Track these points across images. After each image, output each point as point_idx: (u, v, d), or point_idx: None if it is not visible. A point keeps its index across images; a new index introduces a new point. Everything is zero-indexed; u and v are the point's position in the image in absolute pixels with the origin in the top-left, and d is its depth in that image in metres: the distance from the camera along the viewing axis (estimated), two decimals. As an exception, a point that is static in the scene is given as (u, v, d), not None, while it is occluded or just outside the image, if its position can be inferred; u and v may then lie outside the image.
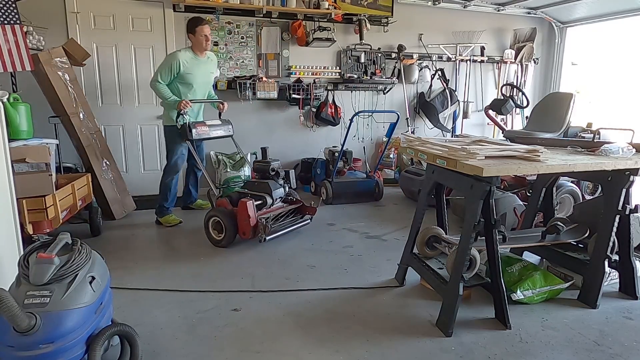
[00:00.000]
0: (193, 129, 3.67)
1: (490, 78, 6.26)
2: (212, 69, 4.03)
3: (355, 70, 5.44)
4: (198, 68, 3.81)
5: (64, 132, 4.04)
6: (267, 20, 5.00)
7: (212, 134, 3.86)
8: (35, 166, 3.03)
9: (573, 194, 3.98)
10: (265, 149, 3.82)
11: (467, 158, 2.10)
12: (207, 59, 3.91)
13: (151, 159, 4.92)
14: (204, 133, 3.77)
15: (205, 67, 3.90)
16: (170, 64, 3.68)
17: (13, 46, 3.09)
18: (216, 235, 3.43)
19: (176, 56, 3.70)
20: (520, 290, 2.48)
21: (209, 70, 3.97)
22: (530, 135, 4.07)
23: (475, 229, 2.16)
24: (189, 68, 3.74)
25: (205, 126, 3.80)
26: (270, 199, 3.52)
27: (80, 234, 3.61)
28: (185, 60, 3.71)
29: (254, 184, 3.62)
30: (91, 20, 4.43)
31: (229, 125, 4.02)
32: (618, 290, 2.69)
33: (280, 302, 2.53)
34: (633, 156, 2.37)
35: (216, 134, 3.89)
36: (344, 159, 4.91)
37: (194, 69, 3.77)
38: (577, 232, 2.79)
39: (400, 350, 2.08)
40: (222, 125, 3.97)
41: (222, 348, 2.09)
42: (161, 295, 2.63)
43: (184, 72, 3.72)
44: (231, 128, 4.03)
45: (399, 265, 2.83)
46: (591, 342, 2.17)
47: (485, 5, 5.88)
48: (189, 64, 3.74)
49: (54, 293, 1.56)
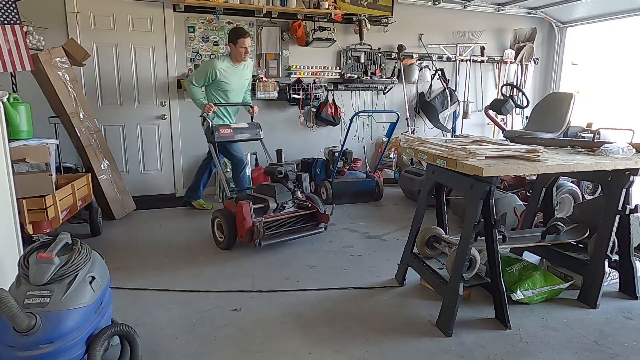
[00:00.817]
0: (216, 132, 3.74)
1: (490, 78, 6.26)
2: (248, 75, 4.18)
3: (355, 70, 5.44)
4: (234, 75, 3.99)
5: (64, 132, 4.04)
6: (267, 20, 5.00)
7: (237, 137, 3.89)
8: (35, 166, 3.03)
9: (573, 194, 3.98)
10: (280, 151, 3.81)
11: (467, 158, 2.10)
12: (243, 66, 4.07)
13: (151, 159, 4.92)
14: (227, 136, 3.82)
15: (241, 74, 4.07)
16: (206, 71, 3.90)
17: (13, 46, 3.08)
18: (219, 237, 3.43)
19: (213, 65, 3.89)
20: (520, 290, 2.48)
21: (244, 77, 4.12)
22: (530, 135, 4.07)
23: (475, 229, 2.16)
24: (225, 76, 3.93)
25: (229, 129, 3.85)
26: (274, 203, 3.38)
27: (80, 234, 3.61)
28: (222, 68, 3.90)
29: (263, 187, 3.54)
30: (91, 20, 4.43)
31: (257, 129, 4.01)
32: (618, 290, 2.69)
33: (280, 302, 2.53)
34: (633, 156, 2.37)
35: (241, 137, 3.92)
36: (344, 159, 4.91)
37: (230, 77, 3.96)
38: (577, 232, 2.79)
39: (400, 350, 2.08)
40: (249, 129, 3.97)
41: (222, 348, 2.09)
42: (161, 295, 2.63)
43: (220, 80, 3.92)
44: (259, 132, 4.02)
45: (399, 265, 2.83)
46: (591, 342, 2.17)
47: (485, 5, 5.88)
48: (226, 71, 3.93)
49: (54, 293, 1.56)
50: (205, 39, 4.84)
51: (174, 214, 4.36)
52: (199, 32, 4.81)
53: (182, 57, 4.79)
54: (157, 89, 4.78)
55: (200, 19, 4.78)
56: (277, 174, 3.45)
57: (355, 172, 5.11)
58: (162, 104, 4.82)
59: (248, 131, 3.97)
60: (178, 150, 4.98)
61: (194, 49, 4.82)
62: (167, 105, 4.85)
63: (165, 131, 4.91)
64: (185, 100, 4.87)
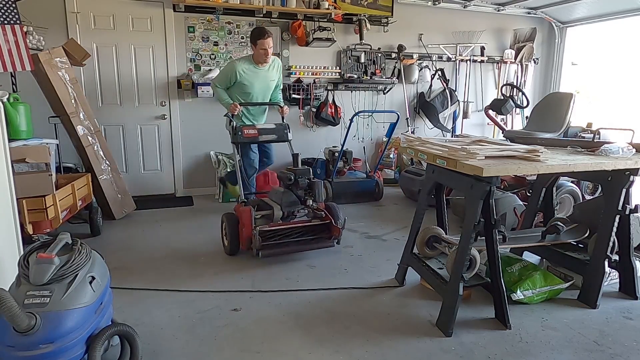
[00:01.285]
0: (239, 132, 3.59)
1: (490, 78, 6.26)
2: (274, 76, 4.01)
3: (355, 70, 5.44)
4: (256, 77, 3.86)
5: (64, 132, 4.04)
6: (267, 20, 5.00)
7: (262, 137, 3.71)
8: (35, 166, 3.03)
9: (573, 194, 3.98)
10: (296, 155, 3.62)
11: (467, 158, 2.10)
12: (267, 67, 3.91)
13: (151, 159, 4.92)
14: (251, 137, 3.66)
15: (265, 76, 3.92)
16: (227, 74, 3.83)
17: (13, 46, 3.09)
18: (225, 242, 3.33)
19: (234, 67, 3.79)
20: (520, 290, 2.48)
21: (268, 79, 3.97)
22: (530, 135, 4.07)
23: (475, 229, 2.17)
24: (246, 78, 3.82)
25: (254, 129, 3.68)
26: (280, 211, 3.18)
27: (80, 234, 3.61)
28: (243, 70, 3.79)
29: (272, 193, 3.40)
30: (91, 20, 4.43)
31: (284, 130, 3.77)
32: (618, 290, 2.69)
33: (280, 302, 2.53)
34: (633, 156, 2.37)
35: (267, 137, 3.73)
36: (344, 159, 4.91)
37: (251, 79, 3.84)
38: (577, 232, 2.79)
39: (400, 350, 2.08)
40: (275, 130, 3.75)
41: (222, 348, 2.09)
42: (161, 295, 2.63)
43: (241, 82, 3.82)
44: (287, 133, 3.77)
45: (399, 265, 2.83)
46: (591, 342, 2.17)
47: (485, 5, 5.88)
48: (247, 73, 3.81)
49: (54, 293, 1.56)
50: (205, 39, 4.84)
51: (174, 214, 4.36)
52: (199, 32, 4.81)
53: (182, 57, 4.79)
54: (157, 89, 4.78)
55: (200, 19, 4.78)
56: (287, 180, 3.21)
57: (355, 172, 5.12)
58: (162, 104, 4.82)
59: (275, 132, 3.75)
60: (178, 150, 4.98)
61: (194, 49, 4.82)
62: (167, 105, 4.84)
63: (165, 131, 4.90)
64: (185, 100, 4.88)
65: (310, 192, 3.23)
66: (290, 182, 3.20)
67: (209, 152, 5.02)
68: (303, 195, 3.23)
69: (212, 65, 4.89)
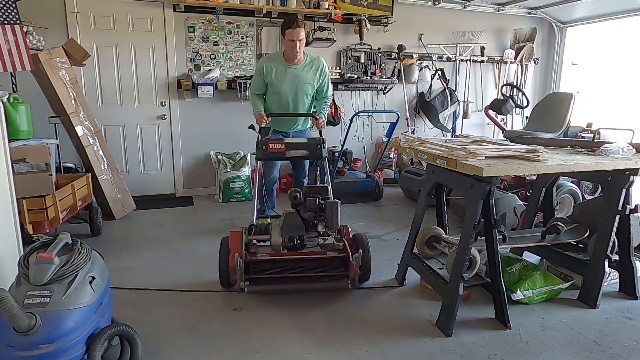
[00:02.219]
0: (264, 147, 3.17)
1: (490, 78, 6.26)
2: (310, 79, 3.49)
3: (355, 70, 5.44)
4: (284, 76, 3.42)
5: (64, 132, 4.04)
6: (267, 20, 4.99)
7: (290, 153, 3.21)
8: (35, 166, 3.03)
9: (573, 194, 3.98)
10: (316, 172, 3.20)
11: (467, 158, 2.10)
12: (302, 66, 3.45)
13: (151, 159, 4.92)
14: (277, 152, 3.18)
15: (297, 75, 3.44)
16: (256, 73, 3.51)
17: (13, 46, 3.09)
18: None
19: (260, 64, 3.47)
20: (520, 290, 2.48)
21: (302, 80, 3.46)
22: (530, 135, 4.07)
23: (475, 229, 2.17)
24: (272, 76, 3.41)
25: (281, 144, 3.19)
26: (278, 236, 2.60)
27: (80, 234, 3.61)
28: (269, 67, 3.41)
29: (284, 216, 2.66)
30: (91, 20, 4.43)
31: (316, 145, 3.21)
32: (618, 290, 2.69)
33: (281, 302, 2.53)
34: (633, 156, 2.37)
35: (295, 154, 3.23)
36: (344, 159, 4.91)
37: (278, 77, 3.41)
38: (577, 232, 2.79)
39: (400, 350, 2.08)
40: (307, 145, 3.23)
41: (222, 348, 2.09)
42: (161, 295, 2.63)
43: (269, 80, 3.44)
44: (320, 149, 3.21)
45: (399, 265, 2.83)
46: (591, 342, 2.17)
47: (485, 5, 5.87)
48: (273, 71, 3.41)
49: (54, 293, 1.56)
50: (205, 39, 4.84)
51: (174, 214, 4.35)
52: (199, 32, 4.81)
53: (182, 57, 4.79)
54: (157, 89, 4.78)
55: (200, 19, 4.78)
56: (292, 199, 2.57)
57: (355, 172, 5.11)
58: (162, 104, 4.82)
59: (306, 147, 3.21)
60: (178, 151, 4.98)
61: (194, 49, 4.82)
62: (167, 105, 4.84)
63: (165, 131, 4.90)
64: (185, 100, 4.87)
65: (322, 215, 2.59)
66: (296, 201, 2.58)
67: (209, 152, 5.02)
68: (312, 219, 2.59)
69: (212, 65, 4.89)
